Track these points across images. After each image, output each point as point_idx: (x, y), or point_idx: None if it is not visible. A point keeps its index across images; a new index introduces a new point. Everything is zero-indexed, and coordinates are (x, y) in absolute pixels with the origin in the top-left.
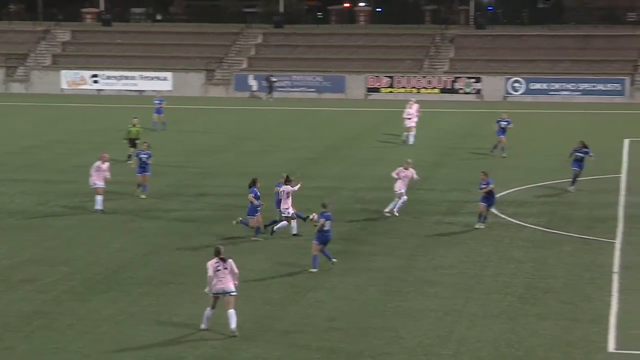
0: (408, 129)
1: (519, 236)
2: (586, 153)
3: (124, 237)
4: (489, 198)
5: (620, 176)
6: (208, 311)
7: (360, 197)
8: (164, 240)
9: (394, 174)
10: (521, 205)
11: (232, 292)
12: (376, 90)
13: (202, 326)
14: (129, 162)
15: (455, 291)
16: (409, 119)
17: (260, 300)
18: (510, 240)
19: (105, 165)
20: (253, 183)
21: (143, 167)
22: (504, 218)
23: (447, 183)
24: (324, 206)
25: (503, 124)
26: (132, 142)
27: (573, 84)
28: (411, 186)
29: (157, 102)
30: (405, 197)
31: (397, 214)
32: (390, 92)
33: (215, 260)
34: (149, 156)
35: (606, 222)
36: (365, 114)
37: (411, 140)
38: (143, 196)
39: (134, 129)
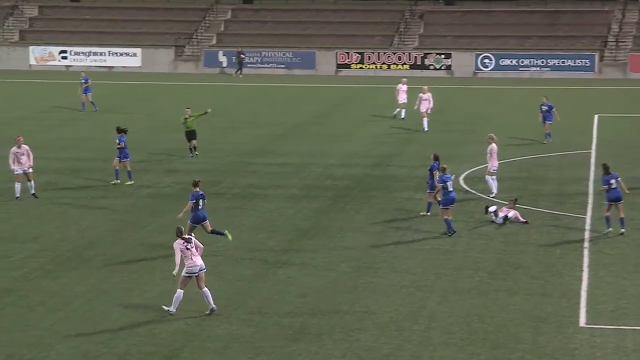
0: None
1: None
2: None
3: (94, 214)
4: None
5: (590, 152)
6: (179, 293)
7: (330, 173)
8: (134, 217)
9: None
10: None
11: (204, 268)
12: (346, 66)
13: (172, 309)
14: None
15: (426, 267)
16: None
17: (231, 276)
18: (481, 215)
19: (23, 149)
20: (435, 158)
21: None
22: (474, 194)
23: (417, 159)
24: (195, 185)
25: (544, 108)
26: (189, 136)
27: (542, 60)
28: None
29: (83, 81)
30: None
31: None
32: (361, 68)
33: (180, 241)
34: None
35: (576, 197)
36: (336, 90)
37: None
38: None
39: (188, 119)
